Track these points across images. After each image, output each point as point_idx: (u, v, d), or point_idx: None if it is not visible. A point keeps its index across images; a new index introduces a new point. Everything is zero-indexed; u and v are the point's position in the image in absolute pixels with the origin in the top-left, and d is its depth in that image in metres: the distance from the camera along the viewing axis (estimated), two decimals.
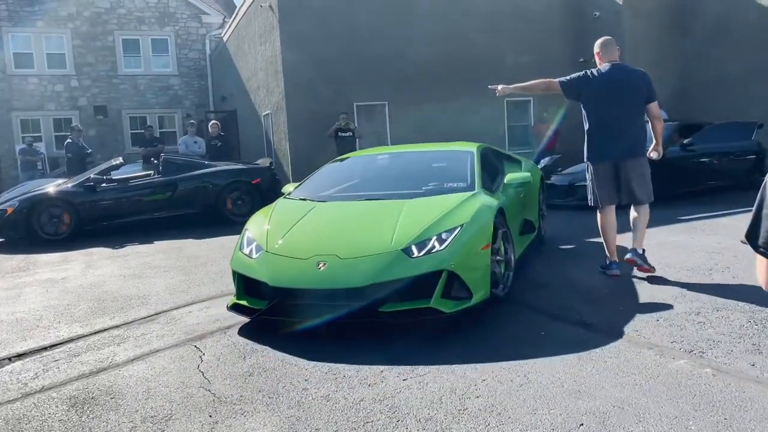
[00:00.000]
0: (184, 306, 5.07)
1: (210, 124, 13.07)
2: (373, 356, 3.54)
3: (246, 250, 4.36)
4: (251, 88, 15.97)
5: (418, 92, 13.63)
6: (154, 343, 4.14)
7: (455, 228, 4.05)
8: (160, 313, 4.91)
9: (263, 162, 11.19)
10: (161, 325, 4.54)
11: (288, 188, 5.77)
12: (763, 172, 10.54)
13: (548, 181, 9.17)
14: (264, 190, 10.44)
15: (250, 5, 14.91)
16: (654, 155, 5.09)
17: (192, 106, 20.93)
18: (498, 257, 4.37)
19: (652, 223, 5.37)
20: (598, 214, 5.14)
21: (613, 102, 4.87)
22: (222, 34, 19.33)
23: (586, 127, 5.06)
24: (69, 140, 13.33)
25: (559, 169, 9.98)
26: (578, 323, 3.93)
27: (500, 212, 4.55)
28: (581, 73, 5.01)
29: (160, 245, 8.40)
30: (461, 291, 3.90)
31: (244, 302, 4.22)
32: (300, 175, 12.41)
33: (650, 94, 4.94)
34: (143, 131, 14.74)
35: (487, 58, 14.21)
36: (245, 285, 4.27)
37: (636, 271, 5.07)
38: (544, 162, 10.53)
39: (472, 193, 4.73)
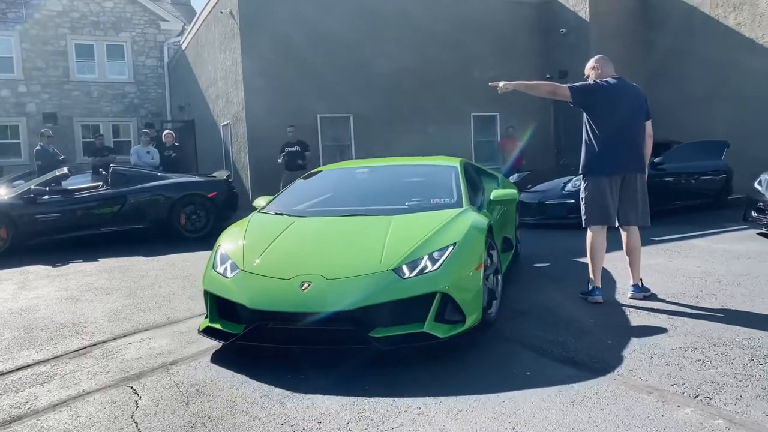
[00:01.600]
0: (124, 336, 4.51)
1: (164, 133, 12.42)
2: (336, 400, 3.08)
3: (220, 269, 3.99)
4: (210, 98, 15.37)
5: (384, 105, 13.28)
6: (84, 383, 3.59)
7: (447, 247, 3.78)
8: (95, 344, 4.35)
9: (220, 174, 10.61)
10: (95, 360, 3.99)
11: (260, 202, 5.37)
12: (730, 192, 10.51)
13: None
14: (221, 205, 9.90)
15: (210, 12, 14.37)
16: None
17: (148, 115, 20.14)
18: (488, 278, 4.11)
19: (617, 245, 5.07)
20: (589, 234, 4.81)
21: (624, 114, 4.67)
22: (181, 42, 18.67)
23: (593, 138, 4.71)
24: (39, 147, 12.41)
25: (529, 186, 9.70)
26: (566, 360, 3.55)
27: (489, 230, 4.31)
28: (592, 82, 4.76)
29: (105, 263, 7.77)
30: (455, 314, 3.62)
31: (217, 326, 3.85)
32: (260, 189, 11.91)
33: (648, 111, 4.82)
34: (93, 140, 13.97)
35: (454, 72, 13.98)
36: (219, 307, 3.90)
37: (629, 300, 4.79)
38: (512, 179, 10.24)
39: (460, 210, 4.46)
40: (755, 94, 12.12)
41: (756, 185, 7.63)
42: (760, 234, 7.52)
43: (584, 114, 4.82)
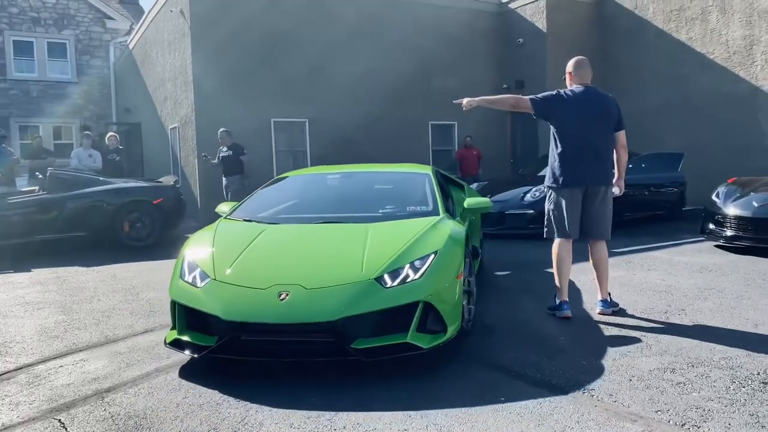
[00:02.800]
0: (55, 358, 4.06)
1: (107, 136, 11.80)
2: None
3: (188, 278, 3.78)
4: (158, 100, 14.76)
5: (341, 111, 12.98)
6: (3, 415, 3.15)
7: (429, 255, 3.70)
8: (21, 368, 3.89)
9: (167, 180, 10.11)
10: (19, 387, 3.54)
11: (223, 208, 5.19)
12: (685, 203, 10.63)
13: None
14: (167, 212, 9.40)
15: (159, 10, 13.80)
16: (615, 190, 4.69)
17: (92, 117, 19.27)
18: (465, 287, 4.04)
19: (583, 257, 4.95)
20: (555, 247, 4.66)
21: (588, 125, 4.50)
22: (128, 41, 17.93)
23: (557, 150, 4.59)
24: None
25: (488, 196, 9.53)
26: (541, 383, 3.31)
27: (466, 239, 4.28)
28: (554, 92, 4.62)
29: (39, 274, 7.20)
30: (436, 324, 3.54)
31: (186, 338, 3.64)
32: (209, 195, 11.44)
33: (620, 121, 4.65)
34: (30, 141, 13.18)
35: (412, 79, 13.80)
36: (188, 317, 3.69)
37: (598, 315, 4.63)
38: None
39: (437, 218, 4.39)
40: (706, 108, 12.36)
41: (713, 197, 7.66)
42: (718, 246, 7.53)
43: (550, 126, 4.70)
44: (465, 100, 4.83)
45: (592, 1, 14.40)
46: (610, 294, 4.75)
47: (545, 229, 4.74)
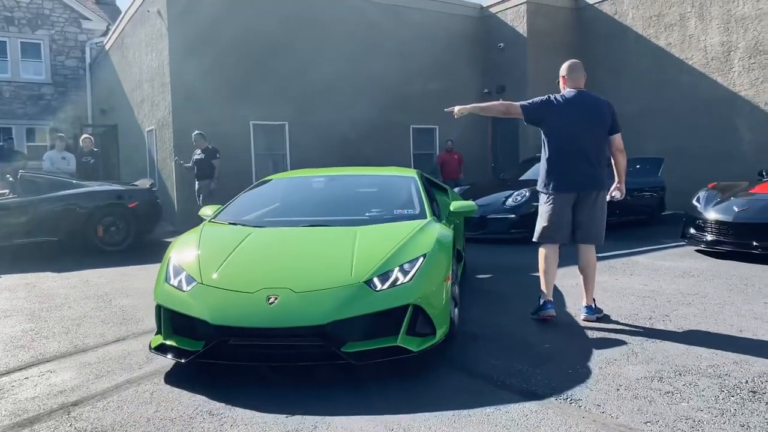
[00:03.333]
0: (20, 369, 3.88)
1: (82, 138, 11.53)
2: None
3: (174, 282, 3.73)
4: (135, 102, 14.49)
5: (321, 114, 12.85)
6: None
7: (418, 258, 3.70)
8: None
9: (143, 183, 9.89)
10: None
11: (206, 211, 5.13)
12: (664, 207, 10.67)
13: None
14: (143, 216, 9.20)
15: (136, 11, 13.55)
16: (617, 194, 4.65)
17: (68, 119, 18.85)
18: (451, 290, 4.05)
19: (570, 260, 4.91)
20: (542, 249, 4.62)
21: (578, 130, 4.45)
22: (104, 42, 17.62)
23: (546, 155, 4.57)
24: None
25: (470, 200, 9.47)
26: (527, 394, 3.21)
27: (453, 242, 4.30)
28: (544, 98, 4.58)
29: (8, 280, 6.97)
30: (425, 327, 3.54)
31: (172, 342, 3.57)
32: (186, 198, 11.21)
33: (614, 125, 4.56)
34: (2, 143, 12.86)
35: (393, 83, 13.73)
36: (173, 322, 3.63)
37: (582, 321, 4.57)
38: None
39: (425, 221, 4.40)
40: (685, 112, 12.45)
41: (694, 202, 7.67)
42: (699, 251, 7.54)
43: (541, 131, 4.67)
44: (456, 108, 4.77)
45: (572, 6, 14.46)
46: (594, 300, 4.68)
47: (535, 233, 4.68)
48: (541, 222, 4.62)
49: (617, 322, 4.53)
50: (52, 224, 8.57)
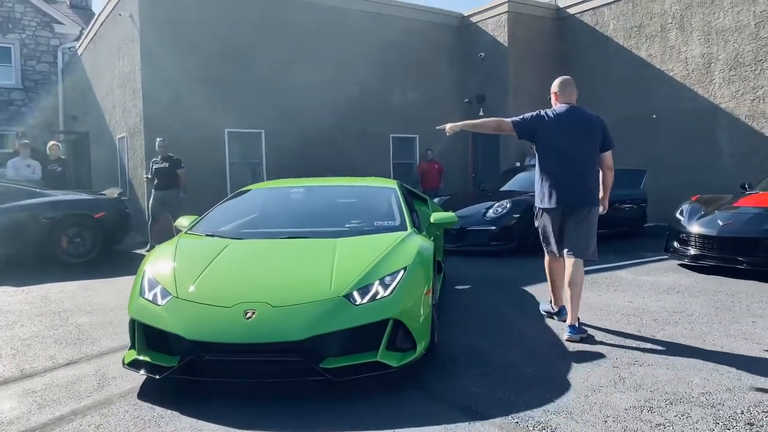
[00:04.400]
0: None
1: (49, 145, 11.09)
2: None
3: (148, 295, 3.64)
4: (106, 108, 14.08)
5: (299, 122, 12.56)
6: None
7: (398, 271, 3.64)
8: None
9: (111, 192, 9.51)
10: None
11: (183, 222, 5.02)
12: (646, 220, 10.53)
13: None
14: (110, 226, 8.83)
15: (109, 14, 13.17)
16: (600, 209, 4.67)
17: (37, 125, 18.29)
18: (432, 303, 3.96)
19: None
20: (546, 262, 4.86)
21: (569, 146, 4.48)
22: (77, 46, 17.17)
23: (540, 170, 4.64)
24: None
25: (450, 211, 9.24)
26: (508, 427, 2.95)
27: (434, 254, 4.27)
28: (535, 113, 4.60)
29: None
30: (405, 341, 3.46)
31: (146, 358, 3.48)
32: None
33: (606, 141, 4.61)
34: None
35: (372, 91, 13.50)
36: (147, 337, 3.54)
37: (565, 341, 4.36)
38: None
39: (405, 233, 4.33)
40: (666, 124, 12.38)
41: (677, 215, 7.51)
42: (682, 265, 7.37)
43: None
44: (448, 126, 4.76)
45: (553, 16, 14.38)
46: (579, 319, 4.48)
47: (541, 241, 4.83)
48: (540, 233, 4.77)
49: (603, 343, 4.30)
50: (12, 235, 8.15)
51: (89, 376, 3.86)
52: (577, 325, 4.43)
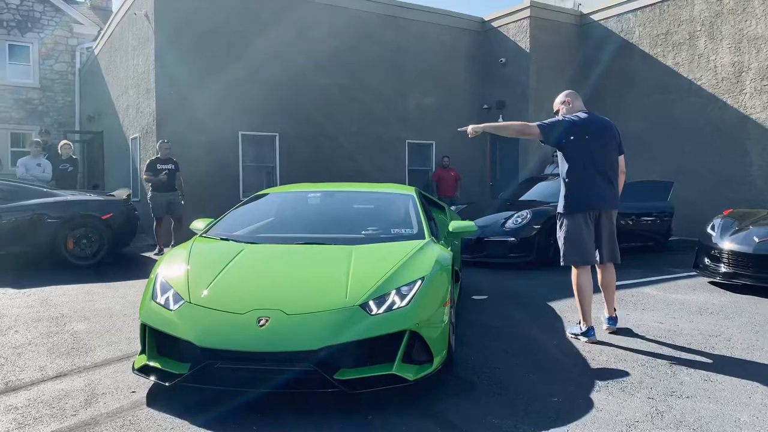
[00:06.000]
0: None
1: (60, 144, 10.92)
2: None
3: (160, 300, 3.55)
4: (120, 108, 13.94)
5: (314, 126, 12.32)
6: None
7: (416, 281, 3.52)
8: None
9: (120, 194, 9.29)
10: None
11: (198, 224, 4.95)
12: (671, 233, 10.12)
13: None
14: (117, 228, 8.60)
15: (125, 14, 13.04)
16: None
17: (54, 124, 18.29)
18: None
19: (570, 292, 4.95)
20: (574, 273, 4.64)
21: (597, 150, 4.54)
22: (94, 46, 17.11)
23: (569, 176, 4.59)
24: None
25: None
26: None
27: (453, 264, 4.15)
28: (561, 118, 4.61)
29: None
30: (422, 354, 3.35)
31: (156, 364, 3.37)
32: None
33: (620, 145, 4.74)
34: None
35: (389, 95, 13.24)
36: (158, 342, 3.44)
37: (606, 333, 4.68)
38: None
39: (423, 242, 4.21)
40: (692, 135, 11.96)
41: (708, 230, 7.11)
42: (712, 283, 6.98)
43: (558, 151, 4.72)
44: (470, 128, 4.70)
45: (577, 22, 14.02)
46: (615, 310, 4.91)
47: (562, 257, 4.66)
48: (567, 245, 4.60)
49: (634, 369, 3.95)
50: (18, 235, 7.97)
51: (77, 391, 3.58)
52: (615, 316, 4.85)
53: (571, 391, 3.57)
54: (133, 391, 3.56)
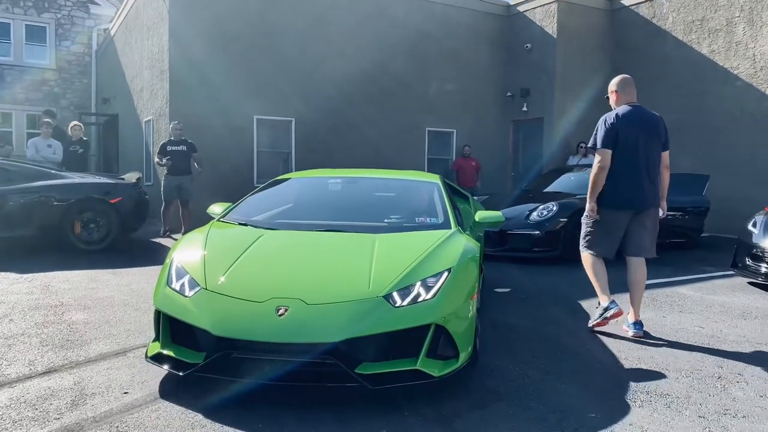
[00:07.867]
0: None
1: (71, 125, 10.67)
2: None
3: (176, 285, 3.41)
4: (134, 90, 13.67)
5: (331, 112, 11.96)
6: None
7: (442, 273, 3.37)
8: None
9: (130, 177, 9.01)
10: None
11: (215, 209, 4.79)
12: (703, 230, 9.62)
13: None
14: (126, 212, 8.33)
15: None
16: (659, 213, 4.64)
17: (70, 106, 18.10)
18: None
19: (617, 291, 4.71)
20: (587, 259, 4.61)
21: (639, 147, 4.45)
22: (110, 27, 16.85)
23: (611, 171, 4.46)
24: None
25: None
26: None
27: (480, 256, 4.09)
28: (607, 127, 4.45)
29: None
30: (448, 349, 3.21)
31: (170, 352, 3.24)
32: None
33: (666, 141, 4.61)
34: None
35: (409, 81, 12.82)
36: (173, 330, 3.31)
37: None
38: None
39: (449, 231, 4.05)
40: (727, 127, 11.40)
41: (749, 227, 6.65)
42: (752, 284, 6.53)
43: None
44: (587, 210, 4.58)
45: (607, 7, 13.45)
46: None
47: (583, 241, 4.64)
48: (596, 234, 4.54)
49: (678, 380, 3.55)
50: (24, 217, 7.72)
51: (65, 391, 3.28)
52: (640, 321, 4.54)
53: (610, 406, 3.18)
54: (125, 392, 3.25)
